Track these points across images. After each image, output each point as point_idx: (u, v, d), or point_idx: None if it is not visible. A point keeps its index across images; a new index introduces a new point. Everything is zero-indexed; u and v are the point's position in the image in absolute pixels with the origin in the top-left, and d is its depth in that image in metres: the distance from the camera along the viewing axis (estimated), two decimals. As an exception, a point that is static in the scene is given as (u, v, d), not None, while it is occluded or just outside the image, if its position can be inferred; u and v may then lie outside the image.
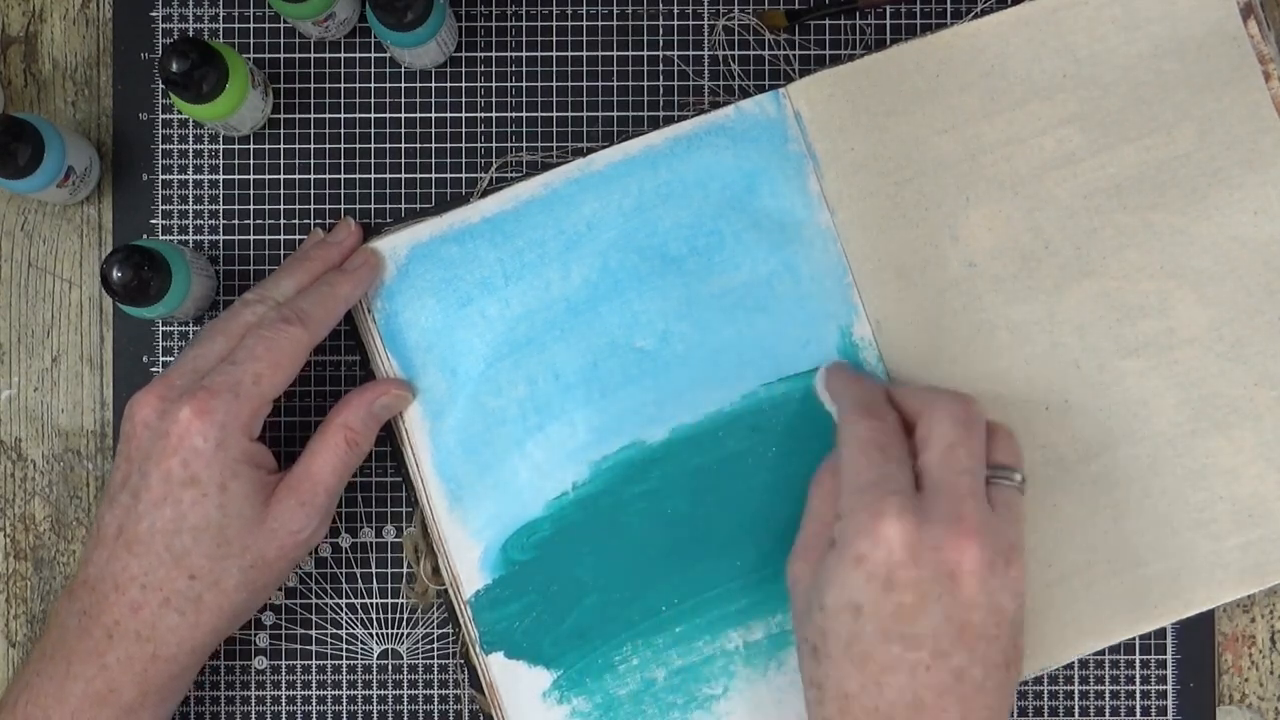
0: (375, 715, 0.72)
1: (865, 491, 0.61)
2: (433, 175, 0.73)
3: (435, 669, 0.73)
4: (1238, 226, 0.71)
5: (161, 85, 0.72)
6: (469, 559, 0.70)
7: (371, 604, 0.72)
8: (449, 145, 0.73)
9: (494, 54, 0.73)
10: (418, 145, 0.73)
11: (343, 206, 0.73)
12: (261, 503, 0.64)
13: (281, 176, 0.73)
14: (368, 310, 0.70)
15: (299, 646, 0.72)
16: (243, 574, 0.64)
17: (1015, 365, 0.71)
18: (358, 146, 0.73)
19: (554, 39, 0.73)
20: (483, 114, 0.73)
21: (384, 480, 0.73)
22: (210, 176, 0.73)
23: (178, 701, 0.67)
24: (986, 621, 0.60)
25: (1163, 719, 0.73)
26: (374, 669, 0.72)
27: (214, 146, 0.73)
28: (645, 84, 0.73)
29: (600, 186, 0.70)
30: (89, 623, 0.64)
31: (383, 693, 0.72)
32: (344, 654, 0.72)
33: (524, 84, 0.73)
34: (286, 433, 0.72)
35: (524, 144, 0.73)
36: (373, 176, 0.73)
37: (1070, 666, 0.73)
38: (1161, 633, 0.73)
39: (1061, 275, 0.71)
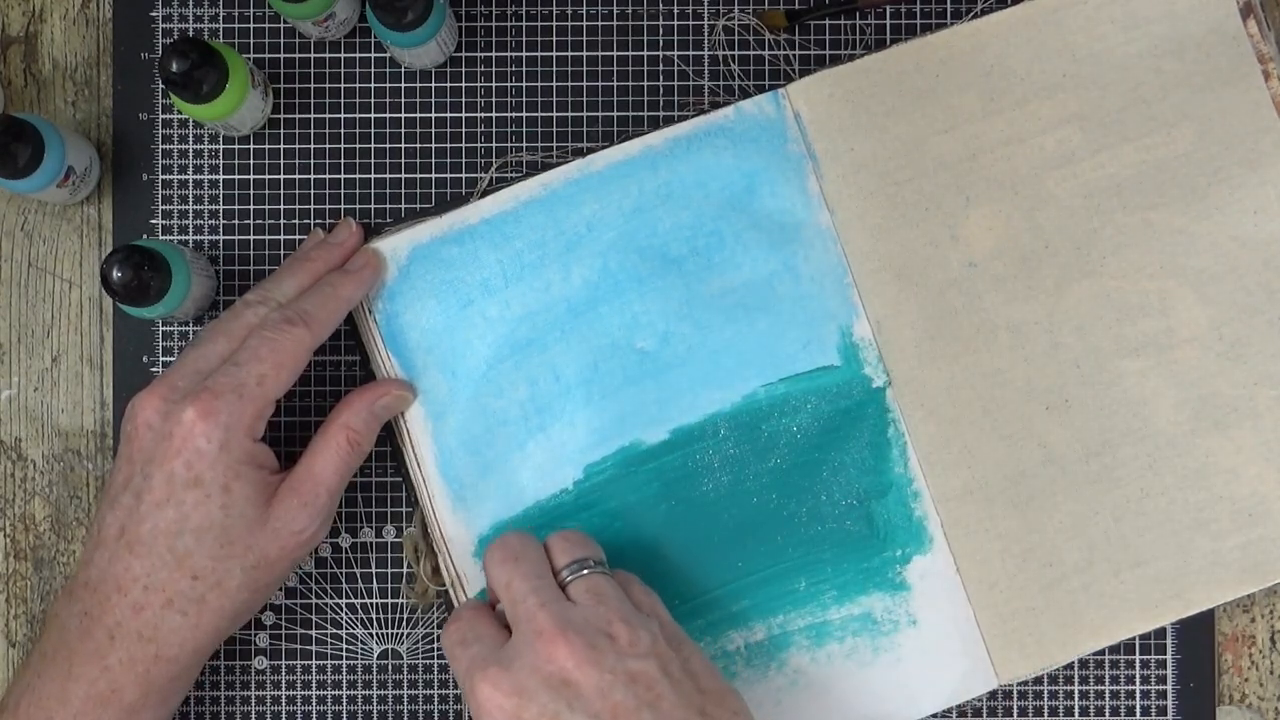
0: (375, 715, 0.72)
1: (462, 682, 0.61)
2: (433, 175, 0.73)
3: (435, 669, 0.73)
4: (1237, 226, 0.71)
5: (161, 85, 0.72)
6: (472, 559, 0.70)
7: (371, 604, 0.72)
8: (449, 145, 0.73)
9: (494, 54, 0.73)
10: (418, 145, 0.73)
11: (343, 206, 0.73)
12: (264, 503, 0.64)
13: (281, 176, 0.73)
14: (369, 311, 0.70)
15: (299, 646, 0.72)
16: (245, 574, 0.64)
17: (1015, 365, 0.71)
18: (358, 146, 0.73)
19: (554, 39, 0.73)
20: (483, 114, 0.73)
21: (384, 480, 0.73)
22: (210, 176, 0.73)
23: (179, 702, 0.67)
24: (628, 697, 0.59)
25: (1163, 719, 0.73)
26: (374, 669, 0.72)
27: (214, 146, 0.73)
28: (645, 84, 0.73)
29: (600, 187, 0.70)
30: (90, 624, 0.64)
31: (383, 693, 0.72)
32: (344, 654, 0.72)
33: (524, 84, 0.73)
34: (287, 433, 0.72)
35: (524, 144, 0.73)
36: (373, 176, 0.73)
37: (1070, 666, 0.73)
38: (1161, 633, 0.73)
39: (1061, 275, 0.71)
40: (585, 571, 0.63)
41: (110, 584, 0.63)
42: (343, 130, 0.73)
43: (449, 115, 0.73)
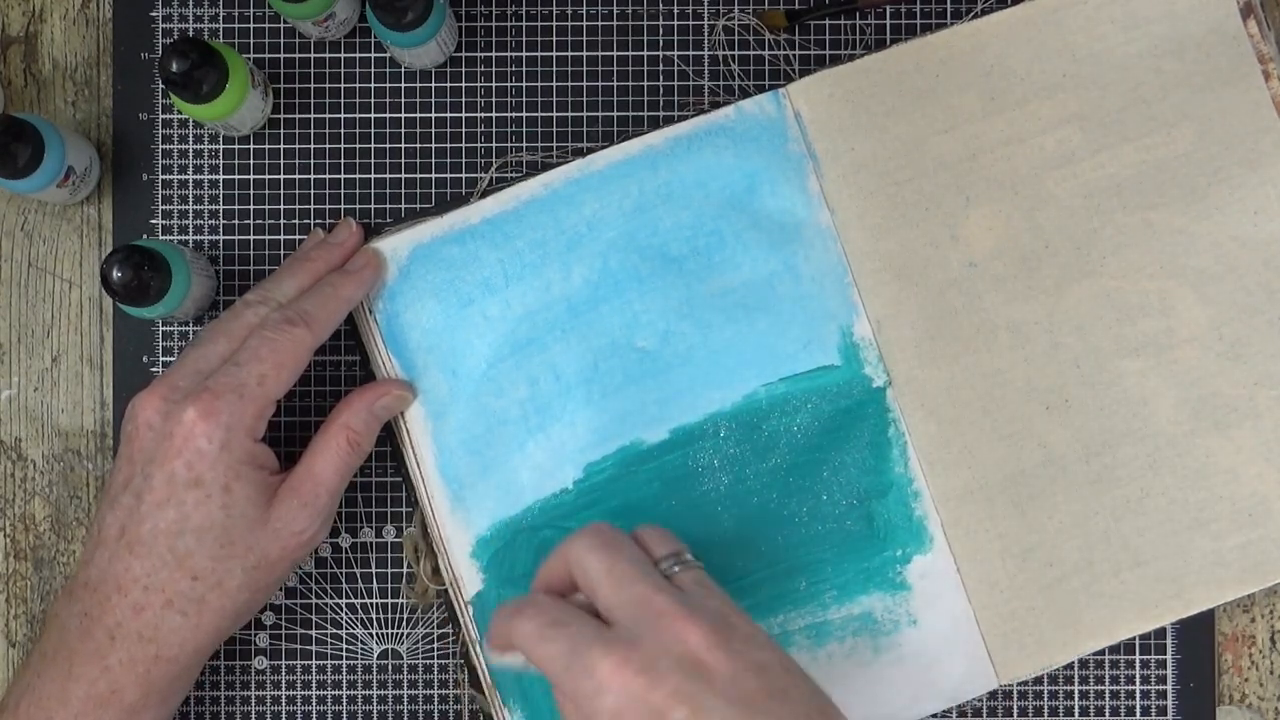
0: (375, 715, 0.72)
1: (568, 670, 0.55)
2: (433, 175, 0.73)
3: (435, 669, 0.73)
4: (1237, 226, 0.71)
5: (161, 85, 0.72)
6: (471, 559, 0.70)
7: (371, 604, 0.72)
8: (449, 145, 0.73)
9: (494, 54, 0.73)
10: (418, 145, 0.73)
11: (343, 206, 0.73)
12: (264, 503, 0.64)
13: (281, 176, 0.73)
14: (369, 311, 0.70)
15: (299, 646, 0.72)
16: (245, 575, 0.64)
17: (1015, 365, 0.71)
18: (358, 146, 0.73)
19: (554, 39, 0.73)
20: (483, 114, 0.73)
21: (384, 480, 0.73)
22: (210, 176, 0.73)
23: (179, 702, 0.67)
24: (760, 684, 0.55)
25: (1163, 719, 0.73)
26: (374, 669, 0.72)
27: (214, 146, 0.73)
28: (645, 84, 0.73)
29: (600, 186, 0.70)
30: (90, 624, 0.64)
31: (383, 693, 0.72)
32: (344, 654, 0.72)
33: (524, 84, 0.73)
34: (287, 433, 0.72)
35: (524, 144, 0.73)
36: (373, 176, 0.73)
37: (1070, 666, 0.73)
38: (1161, 633, 0.73)
39: (1061, 275, 0.71)
40: (684, 566, 0.59)
41: (110, 584, 0.63)
42: (343, 130, 0.73)
43: (449, 115, 0.73)
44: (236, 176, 0.73)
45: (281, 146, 0.73)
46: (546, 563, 0.61)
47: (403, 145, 0.73)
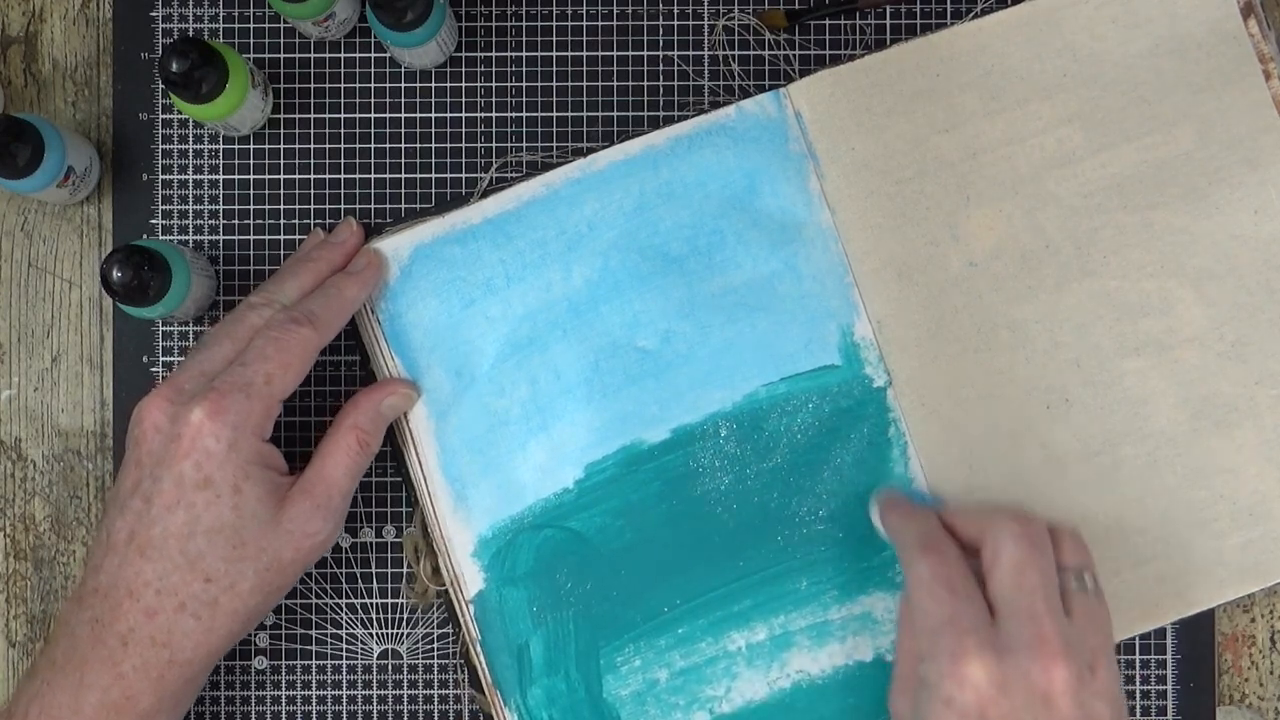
0: (375, 715, 0.72)
1: (940, 633, 0.60)
2: (433, 175, 0.73)
3: (435, 669, 0.73)
4: (1238, 225, 0.71)
5: (161, 85, 0.72)
6: (472, 559, 0.70)
7: (371, 604, 0.72)
8: (449, 145, 0.73)
9: (494, 54, 0.73)
10: (418, 145, 0.73)
11: (343, 206, 0.73)
12: (275, 504, 0.64)
13: (281, 176, 0.73)
14: (371, 311, 0.70)
15: (299, 646, 0.72)
16: (258, 576, 0.64)
17: (1015, 364, 0.71)
18: (358, 146, 0.73)
19: (554, 39, 0.73)
20: (483, 114, 0.73)
21: (384, 480, 0.73)
22: (210, 176, 0.73)
23: (189, 706, 0.66)
24: None
25: (1163, 719, 0.73)
26: (374, 669, 0.72)
27: (214, 146, 0.73)
28: (645, 84, 0.73)
29: (601, 186, 0.70)
30: (102, 630, 0.63)
31: (383, 693, 0.72)
32: (344, 654, 0.72)
33: (524, 84, 0.73)
34: (289, 434, 0.72)
35: (524, 144, 0.73)
36: (373, 176, 0.73)
37: (1071, 666, 0.73)
38: (1161, 633, 0.73)
39: (1062, 274, 0.71)
40: (1087, 585, 0.63)
41: (121, 589, 0.63)
42: (343, 130, 0.73)
43: (449, 115, 0.73)
44: (236, 176, 0.73)
45: (281, 146, 0.73)
46: (963, 518, 0.64)
47: (403, 145, 0.73)
